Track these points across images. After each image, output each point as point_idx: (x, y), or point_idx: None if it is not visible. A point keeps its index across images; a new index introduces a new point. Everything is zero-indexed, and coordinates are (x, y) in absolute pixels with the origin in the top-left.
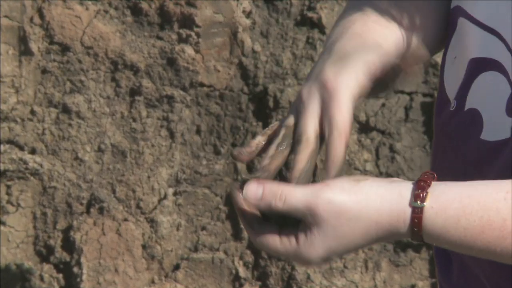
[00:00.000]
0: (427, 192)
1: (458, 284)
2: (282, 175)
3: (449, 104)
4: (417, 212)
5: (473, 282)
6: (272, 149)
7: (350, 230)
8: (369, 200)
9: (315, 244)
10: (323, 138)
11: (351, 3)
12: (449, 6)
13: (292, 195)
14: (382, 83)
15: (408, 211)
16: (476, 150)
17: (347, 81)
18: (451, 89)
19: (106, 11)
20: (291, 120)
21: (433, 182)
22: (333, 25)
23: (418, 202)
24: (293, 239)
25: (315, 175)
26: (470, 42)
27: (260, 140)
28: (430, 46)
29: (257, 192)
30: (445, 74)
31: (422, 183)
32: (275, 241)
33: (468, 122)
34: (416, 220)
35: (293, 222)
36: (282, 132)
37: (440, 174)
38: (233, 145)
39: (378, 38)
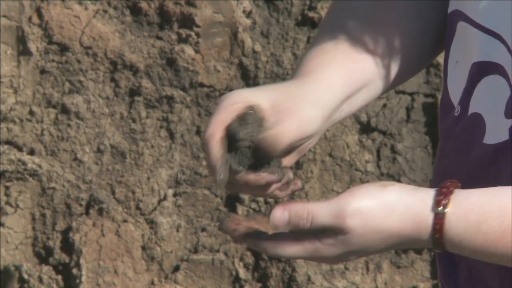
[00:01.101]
0: (449, 199)
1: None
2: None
3: (453, 109)
4: (439, 218)
5: (480, 287)
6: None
7: (374, 237)
8: (394, 207)
9: (337, 247)
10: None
11: (325, 24)
12: (444, 11)
13: (319, 214)
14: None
15: (430, 217)
16: (480, 155)
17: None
18: (455, 94)
19: (105, 11)
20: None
21: (455, 190)
22: (306, 50)
23: (440, 208)
24: (313, 240)
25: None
26: (472, 46)
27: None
28: (416, 61)
29: (284, 218)
30: (448, 79)
31: (444, 190)
32: (292, 244)
33: (472, 127)
34: (437, 227)
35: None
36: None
37: (445, 179)
38: None
39: (318, 86)
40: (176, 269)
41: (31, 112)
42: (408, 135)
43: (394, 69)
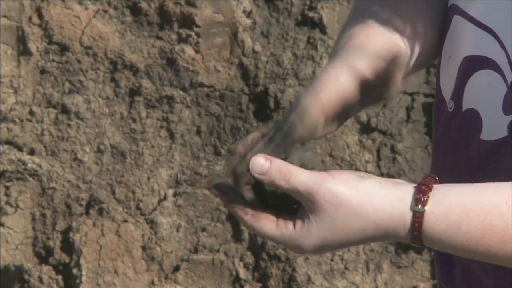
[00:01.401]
0: (428, 197)
1: (460, 287)
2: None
3: (445, 104)
4: (417, 217)
5: (476, 286)
6: (259, 145)
7: (346, 225)
8: (370, 199)
9: (311, 232)
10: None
11: (353, 13)
12: (446, 8)
13: (297, 177)
14: (376, 90)
15: (409, 215)
16: (477, 151)
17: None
18: (447, 89)
19: (105, 11)
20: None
21: (435, 186)
22: (338, 36)
23: (419, 206)
24: (290, 224)
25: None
26: (464, 40)
27: (255, 135)
28: (431, 52)
29: (263, 166)
30: (441, 74)
31: (423, 187)
32: (272, 224)
33: (468, 123)
34: (416, 224)
35: (290, 209)
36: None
37: (442, 175)
38: None
39: (377, 47)
40: (176, 269)
41: (31, 112)
42: (408, 135)
43: (417, 51)
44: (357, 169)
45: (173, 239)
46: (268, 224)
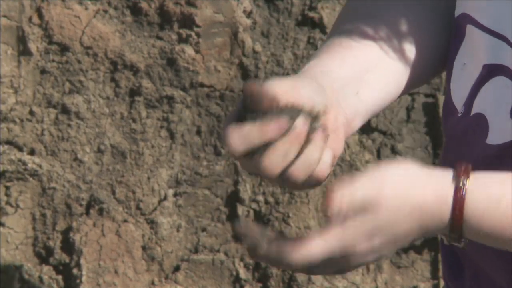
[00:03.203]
0: (468, 174)
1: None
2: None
3: (456, 111)
4: (460, 191)
5: (486, 285)
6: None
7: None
8: (417, 178)
9: (365, 225)
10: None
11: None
12: (448, 17)
13: (358, 188)
14: None
15: (451, 190)
16: (483, 155)
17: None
18: (458, 96)
19: (105, 11)
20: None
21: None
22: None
23: (461, 181)
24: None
25: None
26: (480, 49)
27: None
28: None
29: (339, 209)
30: (452, 82)
31: (463, 167)
32: (314, 242)
33: (474, 127)
34: (459, 199)
35: None
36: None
37: None
38: None
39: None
40: (177, 269)
41: (31, 112)
42: (409, 135)
43: (410, 50)
44: (357, 170)
45: (173, 239)
46: (313, 243)
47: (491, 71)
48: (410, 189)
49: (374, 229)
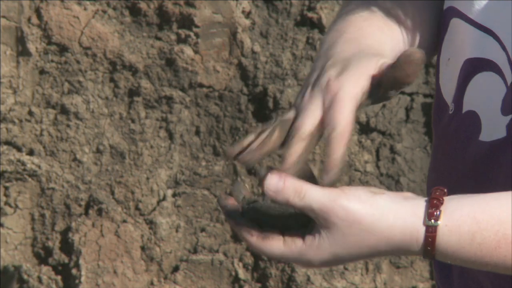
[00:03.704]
0: (440, 210)
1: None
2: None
3: (447, 107)
4: (430, 231)
5: (473, 284)
6: (261, 138)
7: (359, 240)
8: (383, 215)
9: (322, 248)
10: (319, 138)
11: (344, 6)
12: (441, 8)
13: (311, 195)
14: (380, 90)
15: (422, 230)
16: (475, 152)
17: (350, 85)
18: (448, 92)
19: (104, 11)
20: (289, 115)
21: (445, 198)
22: (328, 30)
23: (432, 221)
24: (298, 241)
25: (308, 176)
26: (465, 43)
27: (252, 138)
28: (427, 48)
29: (278, 184)
30: (440, 77)
31: (435, 201)
32: (279, 242)
33: (467, 124)
34: (430, 239)
35: (295, 226)
36: (276, 123)
37: (441, 177)
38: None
39: (374, 43)
40: (176, 269)
41: (30, 113)
42: (407, 135)
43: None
44: (356, 170)
45: (172, 240)
46: (275, 243)
47: (475, 65)
48: (373, 224)
49: (333, 254)
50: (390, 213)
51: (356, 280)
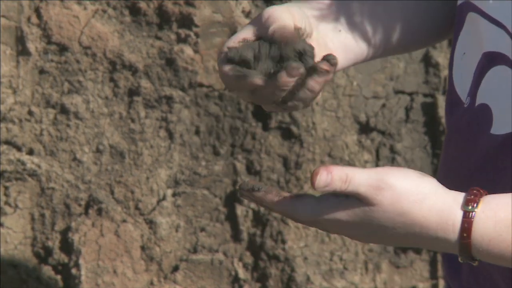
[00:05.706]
0: (479, 199)
1: (468, 283)
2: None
3: (459, 100)
4: (468, 216)
5: (483, 280)
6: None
7: (397, 219)
8: (426, 196)
9: (359, 217)
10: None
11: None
12: (448, 4)
13: (356, 179)
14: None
15: (459, 214)
16: (487, 145)
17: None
18: (461, 86)
19: (104, 11)
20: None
21: (485, 193)
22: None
23: (470, 206)
24: (332, 198)
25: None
26: (481, 36)
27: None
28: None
29: (327, 180)
30: (454, 71)
31: (475, 191)
32: (312, 199)
33: (479, 118)
34: (466, 225)
35: None
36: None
37: (452, 170)
38: (232, 146)
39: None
40: (175, 269)
41: (30, 112)
42: (407, 135)
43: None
44: None
45: (172, 239)
46: (308, 199)
47: (491, 59)
48: (414, 204)
49: (367, 225)
50: (432, 196)
51: (356, 279)
